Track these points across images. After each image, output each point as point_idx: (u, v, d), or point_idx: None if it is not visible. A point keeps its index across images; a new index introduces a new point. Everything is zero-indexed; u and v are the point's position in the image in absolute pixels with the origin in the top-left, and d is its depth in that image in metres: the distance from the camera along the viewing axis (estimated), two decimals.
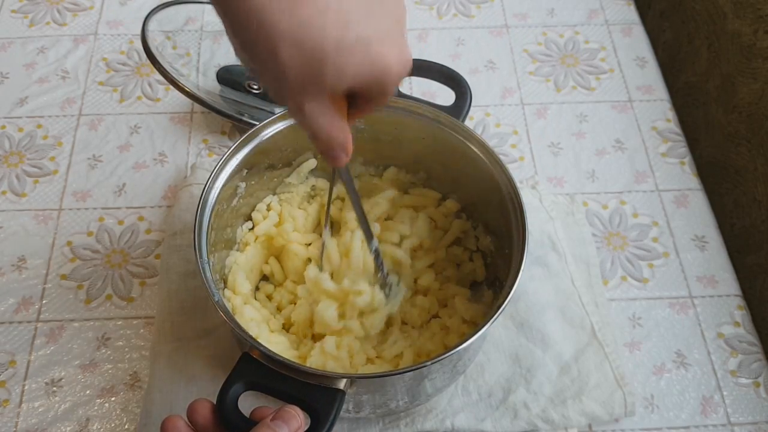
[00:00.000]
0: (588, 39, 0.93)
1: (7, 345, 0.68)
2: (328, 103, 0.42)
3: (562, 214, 0.76)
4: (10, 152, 0.81)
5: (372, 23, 0.40)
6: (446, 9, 0.96)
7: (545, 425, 0.63)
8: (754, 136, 0.79)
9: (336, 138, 0.44)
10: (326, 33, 0.38)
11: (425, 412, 0.64)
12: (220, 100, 0.81)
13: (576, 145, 0.83)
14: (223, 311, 0.52)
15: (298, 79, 0.40)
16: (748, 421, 0.66)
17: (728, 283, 0.74)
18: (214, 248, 0.60)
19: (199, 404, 0.45)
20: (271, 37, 0.38)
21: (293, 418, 0.44)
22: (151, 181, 0.79)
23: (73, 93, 0.86)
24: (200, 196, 0.58)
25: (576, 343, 0.67)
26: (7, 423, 0.64)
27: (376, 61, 0.40)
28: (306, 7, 0.37)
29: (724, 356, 0.69)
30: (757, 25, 0.78)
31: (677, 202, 0.79)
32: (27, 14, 0.93)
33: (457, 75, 0.65)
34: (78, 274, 0.72)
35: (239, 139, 0.61)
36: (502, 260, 0.61)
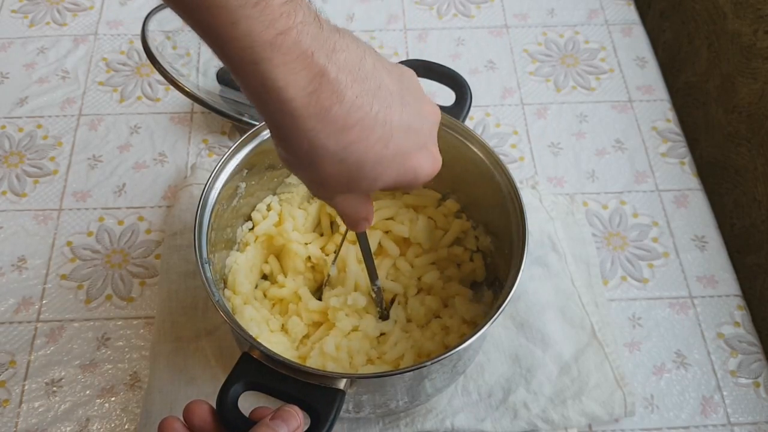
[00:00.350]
0: (588, 39, 0.93)
1: (7, 345, 0.68)
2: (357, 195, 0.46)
3: (562, 214, 0.76)
4: (10, 152, 0.81)
5: (410, 137, 0.43)
6: (446, 9, 0.96)
7: (545, 425, 0.63)
8: (754, 136, 0.79)
9: (360, 215, 0.48)
10: (368, 151, 0.41)
11: (425, 412, 0.64)
12: (220, 100, 0.81)
13: (576, 145, 0.83)
14: (223, 311, 0.52)
15: (335, 186, 0.43)
16: (748, 421, 0.66)
17: (728, 283, 0.74)
18: (214, 248, 0.60)
19: (195, 405, 0.45)
20: (317, 154, 0.40)
21: (292, 417, 0.44)
22: (151, 181, 0.79)
23: (73, 93, 0.86)
24: (200, 196, 0.58)
25: (576, 343, 0.67)
26: (7, 423, 0.64)
27: (409, 171, 0.44)
28: (353, 131, 0.40)
29: (724, 356, 0.69)
30: (757, 25, 0.78)
31: (677, 202, 0.79)
32: (27, 14, 0.93)
33: (458, 76, 0.65)
34: (78, 274, 0.72)
35: (239, 139, 0.61)
36: (502, 260, 0.61)
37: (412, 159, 0.44)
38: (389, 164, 0.42)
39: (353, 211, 0.47)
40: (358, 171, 0.41)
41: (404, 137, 0.42)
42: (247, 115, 0.78)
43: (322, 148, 0.40)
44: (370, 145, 0.41)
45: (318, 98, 0.38)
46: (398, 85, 0.43)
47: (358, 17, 0.94)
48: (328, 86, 0.38)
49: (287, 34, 0.36)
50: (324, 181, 0.42)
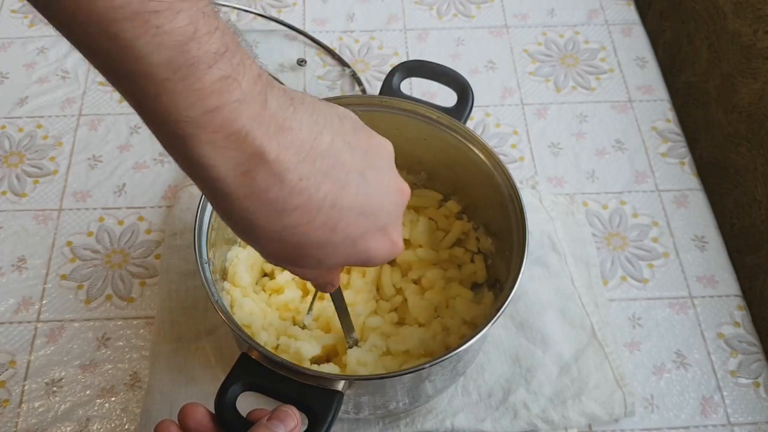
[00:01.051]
0: (588, 39, 0.93)
1: (7, 345, 0.68)
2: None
3: (562, 214, 0.76)
4: (10, 152, 0.81)
5: (364, 222, 0.40)
6: (446, 9, 0.96)
7: (545, 425, 0.63)
8: (754, 136, 0.79)
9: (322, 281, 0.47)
10: (310, 236, 0.38)
11: (425, 412, 0.64)
12: None
13: (576, 145, 0.83)
14: (222, 311, 0.52)
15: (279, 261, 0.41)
16: (748, 421, 0.66)
17: (728, 283, 0.74)
18: (215, 246, 0.60)
19: (190, 408, 0.45)
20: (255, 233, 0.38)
21: (289, 417, 0.44)
22: (151, 181, 0.79)
23: (73, 93, 0.86)
24: (200, 196, 0.58)
25: (576, 343, 0.67)
26: (7, 423, 0.64)
27: (360, 254, 0.41)
28: (294, 214, 0.37)
29: (724, 356, 0.69)
30: (757, 25, 0.78)
31: (677, 202, 0.79)
32: (27, 14, 0.93)
33: (460, 77, 0.65)
34: (78, 274, 0.72)
35: None
36: (503, 262, 0.61)
37: (365, 243, 0.41)
38: (335, 248, 0.40)
39: (312, 278, 0.46)
40: (299, 253, 0.39)
41: (357, 220, 0.40)
42: None
43: (259, 228, 0.37)
44: (313, 228, 0.38)
45: (252, 179, 0.35)
46: (361, 162, 0.40)
47: (358, 17, 0.94)
48: (265, 167, 0.35)
49: (217, 113, 0.33)
50: (267, 255, 0.41)
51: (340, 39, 0.92)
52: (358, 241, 0.40)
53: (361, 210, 0.40)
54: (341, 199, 0.38)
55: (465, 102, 0.64)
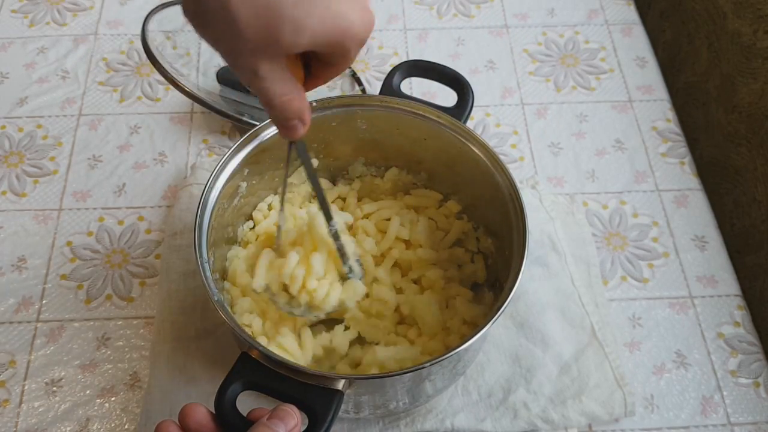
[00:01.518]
0: (588, 39, 0.93)
1: (7, 345, 0.68)
2: (285, 67, 0.40)
3: (562, 214, 0.76)
4: (10, 152, 0.81)
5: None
6: (446, 9, 0.96)
7: (545, 425, 0.63)
8: (754, 136, 0.79)
9: (292, 106, 0.42)
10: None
11: (425, 412, 0.64)
12: (220, 100, 0.81)
13: (576, 145, 0.83)
14: (222, 311, 0.52)
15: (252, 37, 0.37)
16: (748, 421, 0.66)
17: (728, 283, 0.74)
18: (215, 247, 0.60)
19: (190, 409, 0.45)
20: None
21: (289, 416, 0.44)
22: (151, 181, 0.79)
23: (73, 93, 0.86)
24: (200, 196, 0.58)
25: (576, 343, 0.67)
26: (7, 423, 0.64)
27: (336, 18, 0.38)
28: None
29: (724, 356, 0.69)
30: (757, 25, 0.78)
31: (677, 202, 0.79)
32: (27, 14, 0.93)
33: (461, 77, 0.65)
34: (78, 274, 0.72)
35: (240, 139, 0.61)
36: (503, 261, 0.61)
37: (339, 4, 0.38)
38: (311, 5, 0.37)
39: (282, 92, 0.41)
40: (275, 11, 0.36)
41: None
42: (247, 115, 0.78)
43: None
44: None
45: None
46: None
47: None
48: None
49: None
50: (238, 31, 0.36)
51: None
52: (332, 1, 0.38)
53: None
54: None
55: (465, 102, 0.64)
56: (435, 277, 0.67)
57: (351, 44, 0.40)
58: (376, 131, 0.66)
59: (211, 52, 0.89)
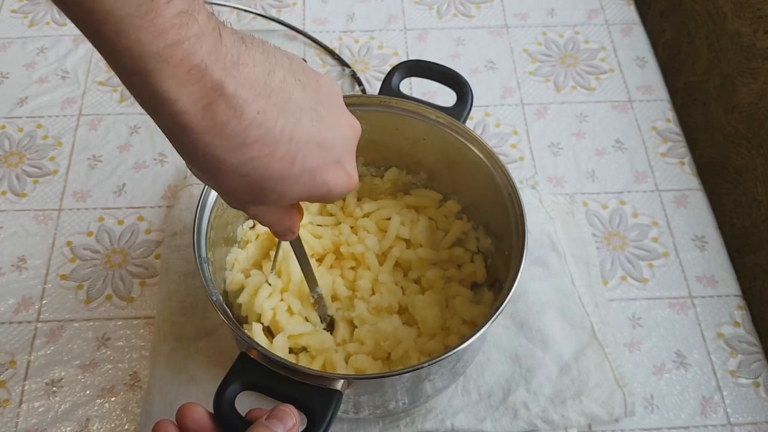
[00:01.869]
0: (588, 39, 0.93)
1: (7, 345, 0.68)
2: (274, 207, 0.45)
3: (562, 214, 0.76)
4: (10, 152, 0.81)
5: (320, 154, 0.42)
6: (446, 9, 0.96)
7: (545, 425, 0.63)
8: (754, 136, 0.79)
9: (282, 227, 0.47)
10: (271, 169, 0.40)
11: (425, 412, 0.64)
12: None
13: (576, 145, 0.83)
14: (221, 311, 0.52)
15: (242, 198, 0.42)
16: (748, 421, 0.66)
17: (728, 283, 0.73)
18: (215, 246, 0.60)
19: (188, 408, 0.45)
20: (216, 168, 0.39)
21: (288, 416, 0.44)
22: (151, 181, 0.79)
23: (73, 93, 0.86)
24: (200, 196, 0.58)
25: (576, 343, 0.67)
26: (7, 423, 0.64)
27: (319, 186, 0.42)
28: (254, 147, 0.38)
29: (724, 356, 0.69)
30: (757, 25, 0.78)
31: (677, 202, 0.79)
32: (27, 14, 0.94)
33: (459, 76, 0.65)
34: (78, 274, 0.73)
35: None
36: (503, 262, 0.61)
37: (323, 175, 0.42)
38: (295, 181, 0.41)
39: (272, 222, 0.47)
40: (261, 186, 0.40)
41: (314, 153, 0.41)
42: None
43: (221, 162, 0.38)
44: (273, 161, 0.39)
45: (213, 113, 0.36)
46: (313, 99, 0.41)
47: (358, 17, 0.94)
48: (224, 101, 0.36)
49: (177, 47, 0.34)
50: (230, 193, 0.41)
51: (340, 39, 0.92)
52: (316, 172, 0.42)
53: (317, 143, 0.41)
54: (297, 132, 0.40)
55: (464, 102, 0.64)
56: (435, 277, 0.67)
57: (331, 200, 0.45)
58: (375, 131, 0.66)
59: None
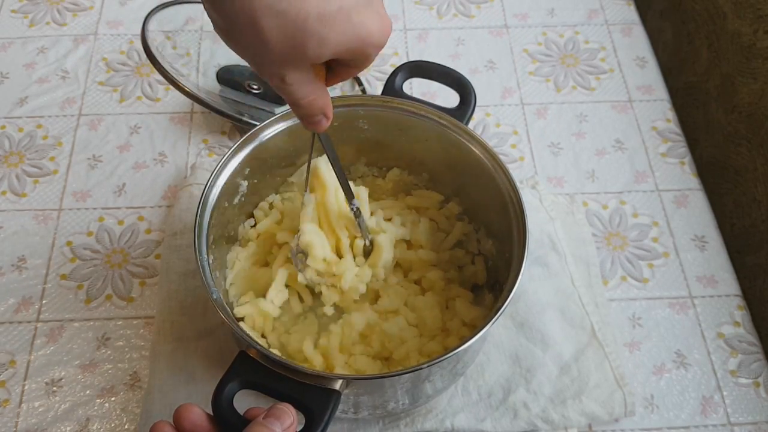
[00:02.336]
0: (588, 39, 0.93)
1: (7, 345, 0.68)
2: (309, 72, 0.43)
3: (562, 214, 0.76)
4: (10, 152, 0.81)
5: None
6: (446, 9, 0.96)
7: (545, 425, 0.63)
8: (754, 136, 0.79)
9: (316, 104, 0.45)
10: (308, 3, 0.38)
11: (425, 412, 0.64)
12: (219, 100, 0.81)
13: (576, 145, 0.83)
14: (221, 310, 0.52)
15: (280, 50, 0.40)
16: (748, 421, 0.66)
17: (728, 283, 0.73)
18: (215, 245, 0.60)
19: (185, 409, 0.45)
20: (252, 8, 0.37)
21: (285, 414, 0.44)
22: (151, 181, 0.79)
23: (73, 93, 0.86)
24: (201, 195, 0.58)
25: (576, 343, 0.67)
26: (7, 423, 0.64)
27: (357, 29, 0.41)
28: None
29: (724, 356, 0.69)
30: (757, 25, 0.78)
31: (677, 202, 0.79)
32: (27, 14, 0.94)
33: (463, 78, 0.65)
34: (78, 274, 0.73)
35: (240, 139, 0.61)
36: (503, 263, 0.60)
37: (358, 15, 0.41)
38: (334, 20, 0.39)
39: (307, 94, 0.44)
40: (301, 27, 0.39)
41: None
42: (247, 115, 0.78)
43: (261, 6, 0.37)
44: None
45: None
46: None
47: None
48: None
49: None
50: (266, 43, 0.39)
51: None
52: (352, 13, 0.40)
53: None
54: None
55: (467, 103, 0.64)
56: (435, 279, 0.67)
57: (370, 50, 0.43)
58: (377, 132, 0.66)
59: (211, 52, 0.89)
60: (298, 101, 0.45)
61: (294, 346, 0.62)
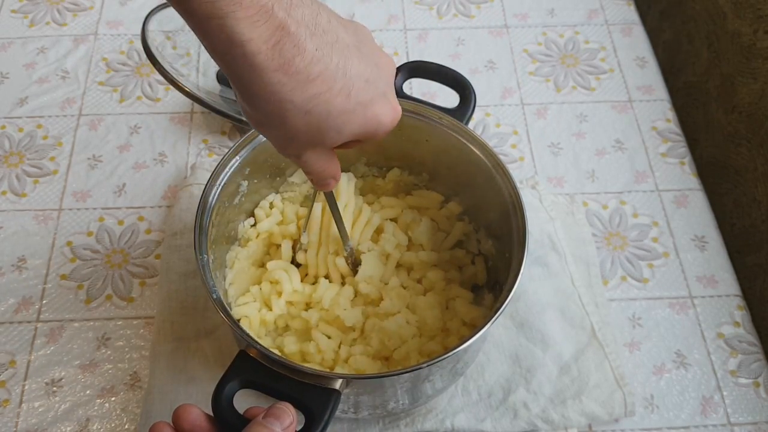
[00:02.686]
0: (588, 39, 0.93)
1: (7, 345, 0.68)
2: (323, 150, 0.47)
3: (562, 214, 0.76)
4: (10, 152, 0.81)
5: (369, 89, 0.45)
6: (446, 9, 0.96)
7: (545, 425, 0.63)
8: (754, 136, 0.79)
9: (328, 173, 0.50)
10: (331, 104, 0.43)
11: (425, 412, 0.64)
12: (220, 100, 0.81)
13: (576, 145, 0.83)
14: (221, 309, 0.52)
15: (303, 139, 0.44)
16: (748, 421, 0.66)
17: (728, 283, 0.73)
18: (215, 244, 0.60)
19: (184, 410, 0.45)
20: (284, 108, 0.42)
21: (285, 414, 0.44)
22: (151, 181, 0.79)
23: (73, 93, 0.86)
24: (201, 195, 0.58)
25: (576, 343, 0.67)
26: (7, 423, 0.64)
27: (371, 120, 0.45)
28: (316, 82, 0.41)
29: (724, 356, 0.69)
30: (757, 25, 0.78)
31: (677, 202, 0.79)
32: (27, 14, 0.94)
33: (463, 78, 0.65)
34: (78, 274, 0.73)
35: (239, 139, 0.61)
36: (503, 264, 0.60)
37: (373, 108, 0.45)
38: (352, 114, 0.44)
39: (321, 168, 0.49)
40: (324, 123, 0.43)
41: (363, 88, 0.44)
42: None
43: (288, 102, 0.41)
44: (333, 96, 0.42)
45: (281, 51, 0.40)
46: (354, 39, 0.44)
47: (358, 17, 0.94)
48: (289, 39, 0.40)
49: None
50: (292, 135, 0.44)
51: None
52: (368, 106, 0.45)
53: (365, 78, 0.44)
54: (349, 68, 0.43)
55: (467, 103, 0.64)
56: (436, 279, 0.67)
57: (380, 135, 0.47)
58: None
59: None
60: (311, 172, 0.49)
61: (290, 348, 0.62)
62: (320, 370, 0.57)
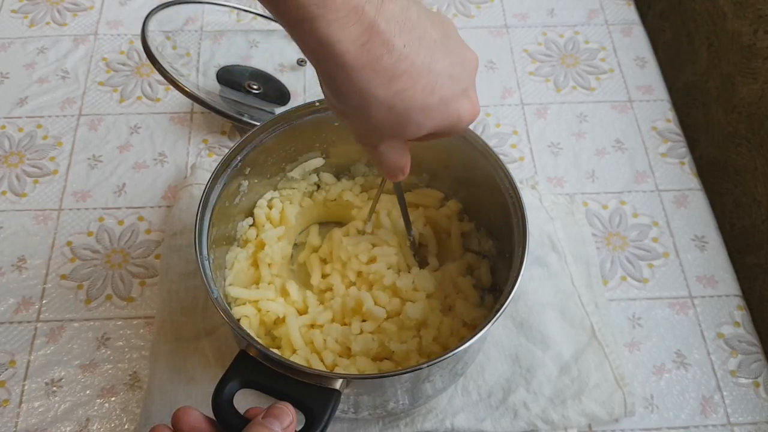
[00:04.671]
0: (588, 39, 0.93)
1: (7, 345, 0.68)
2: (400, 143, 0.48)
3: (562, 214, 0.76)
4: (10, 152, 0.81)
5: (452, 85, 0.45)
6: (446, 9, 0.96)
7: (545, 425, 0.63)
8: (754, 136, 0.79)
9: (399, 165, 0.50)
10: (414, 100, 0.43)
11: (425, 412, 0.64)
12: (219, 100, 0.81)
13: (576, 145, 0.83)
14: (221, 309, 0.52)
15: (383, 130, 0.45)
16: (748, 421, 0.66)
17: (728, 283, 0.73)
18: (215, 244, 0.60)
19: (182, 412, 0.45)
20: (369, 103, 0.42)
21: (284, 414, 0.44)
22: (151, 181, 0.79)
23: (73, 93, 0.86)
24: (201, 195, 0.58)
25: (576, 343, 0.67)
26: (7, 423, 0.64)
27: (452, 116, 0.46)
28: (401, 79, 0.42)
29: (724, 356, 0.69)
30: (757, 25, 0.78)
31: (677, 202, 0.79)
32: (27, 14, 0.94)
33: None
34: (78, 274, 0.73)
35: (239, 139, 0.61)
36: (503, 263, 0.60)
37: (455, 104, 0.45)
38: (434, 110, 0.44)
39: (394, 159, 0.49)
40: (406, 117, 0.43)
41: (447, 84, 0.44)
42: (247, 115, 0.78)
43: (373, 97, 0.42)
44: (417, 92, 0.42)
45: (369, 50, 0.40)
46: (441, 33, 0.44)
47: None
48: (378, 38, 0.40)
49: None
50: (373, 128, 0.45)
51: None
52: (449, 102, 0.45)
53: (449, 74, 0.44)
54: (434, 64, 0.43)
55: None
56: (465, 285, 0.67)
57: (458, 130, 0.48)
58: None
59: (211, 52, 0.89)
60: (383, 163, 0.50)
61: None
62: (320, 370, 0.57)
